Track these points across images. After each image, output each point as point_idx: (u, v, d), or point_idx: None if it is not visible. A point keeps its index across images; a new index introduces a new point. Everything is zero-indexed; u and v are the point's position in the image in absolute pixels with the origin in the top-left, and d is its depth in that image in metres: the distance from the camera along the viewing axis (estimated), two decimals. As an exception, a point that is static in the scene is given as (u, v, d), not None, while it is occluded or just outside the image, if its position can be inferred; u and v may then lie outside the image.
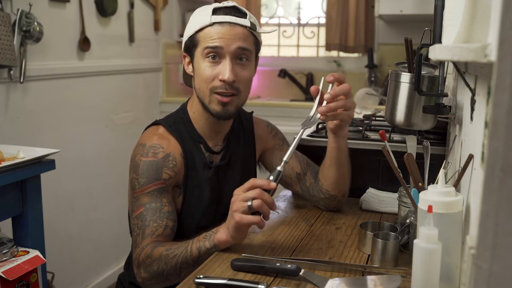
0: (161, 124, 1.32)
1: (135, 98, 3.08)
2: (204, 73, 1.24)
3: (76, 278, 2.61)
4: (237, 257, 1.08)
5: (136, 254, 1.19)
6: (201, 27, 1.24)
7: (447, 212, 0.86)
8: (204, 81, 1.25)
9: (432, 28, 1.13)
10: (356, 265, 1.08)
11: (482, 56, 0.59)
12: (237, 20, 1.24)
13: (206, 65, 1.24)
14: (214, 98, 1.25)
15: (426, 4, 2.68)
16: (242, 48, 1.24)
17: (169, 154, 1.26)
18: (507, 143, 0.55)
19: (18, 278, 1.40)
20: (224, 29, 1.23)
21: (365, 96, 2.45)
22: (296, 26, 3.65)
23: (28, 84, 2.26)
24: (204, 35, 1.24)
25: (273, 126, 1.52)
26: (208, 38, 1.23)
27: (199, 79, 1.26)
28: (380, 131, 1.19)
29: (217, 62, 1.24)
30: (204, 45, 1.24)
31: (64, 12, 2.46)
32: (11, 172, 1.43)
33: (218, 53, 1.23)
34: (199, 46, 1.25)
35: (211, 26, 1.24)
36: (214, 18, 1.23)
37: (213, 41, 1.23)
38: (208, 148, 1.34)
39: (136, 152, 1.27)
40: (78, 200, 2.61)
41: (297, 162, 1.44)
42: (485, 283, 0.58)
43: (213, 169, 1.33)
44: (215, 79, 1.24)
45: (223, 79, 1.23)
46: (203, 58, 1.25)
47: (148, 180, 1.22)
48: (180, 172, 1.28)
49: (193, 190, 1.30)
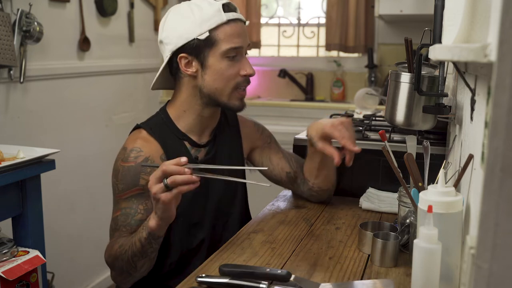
0: (141, 127, 1.33)
1: (135, 98, 3.08)
2: (227, 72, 1.26)
3: (76, 278, 2.61)
4: (225, 263, 1.07)
5: (104, 254, 1.25)
6: (217, 25, 1.23)
7: (447, 212, 0.86)
8: (227, 80, 1.27)
9: (432, 28, 1.13)
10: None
11: (482, 56, 0.59)
12: (240, 16, 1.28)
13: (227, 64, 1.26)
14: (236, 94, 1.29)
15: (426, 4, 2.68)
16: (249, 44, 1.32)
17: (147, 158, 1.27)
18: (507, 143, 0.55)
19: (18, 278, 1.40)
20: (238, 26, 1.26)
21: (365, 96, 2.45)
22: (296, 26, 3.65)
23: (28, 84, 2.26)
24: (222, 35, 1.24)
25: (259, 125, 1.53)
26: (229, 37, 1.24)
27: (219, 78, 1.27)
28: (380, 131, 1.19)
29: (235, 60, 1.27)
30: (227, 46, 1.24)
31: (64, 12, 2.46)
32: (11, 172, 1.43)
33: (238, 52, 1.27)
34: (217, 45, 1.24)
35: (227, 24, 1.24)
36: (227, 16, 1.24)
37: (235, 41, 1.25)
38: (194, 143, 1.34)
39: (118, 156, 1.30)
40: (78, 200, 2.61)
41: (286, 162, 1.47)
42: (485, 283, 0.58)
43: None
44: (237, 76, 1.28)
45: (248, 74, 1.28)
46: (222, 57, 1.25)
47: (125, 187, 1.25)
48: None
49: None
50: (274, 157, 1.47)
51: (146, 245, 1.14)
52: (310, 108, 3.13)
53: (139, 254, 1.15)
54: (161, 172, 1.06)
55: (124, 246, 1.17)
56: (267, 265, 1.10)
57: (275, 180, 1.48)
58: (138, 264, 1.17)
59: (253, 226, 1.33)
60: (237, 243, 1.22)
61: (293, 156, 1.50)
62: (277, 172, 1.46)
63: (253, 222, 1.37)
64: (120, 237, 1.22)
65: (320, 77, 3.46)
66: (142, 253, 1.15)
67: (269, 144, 1.49)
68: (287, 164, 1.46)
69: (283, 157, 1.47)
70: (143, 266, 1.18)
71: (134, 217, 1.23)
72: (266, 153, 1.48)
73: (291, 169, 1.46)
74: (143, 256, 1.16)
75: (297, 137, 1.67)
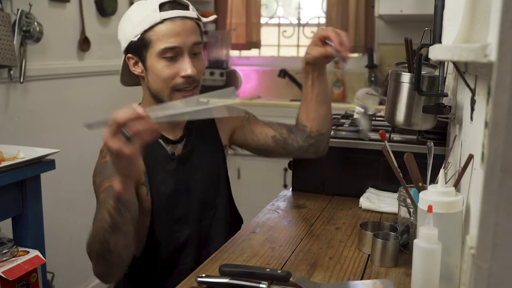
0: None
1: (135, 98, 3.08)
2: (163, 73, 1.23)
3: (76, 278, 2.61)
4: (225, 263, 1.07)
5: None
6: (151, 25, 1.21)
7: (447, 212, 0.86)
8: (164, 81, 1.23)
9: (432, 28, 1.13)
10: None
11: (482, 56, 0.59)
12: (186, 13, 1.23)
13: (164, 65, 1.22)
14: (176, 96, 1.25)
15: (426, 4, 2.68)
16: (196, 42, 1.24)
17: None
18: (507, 143, 0.55)
19: (18, 278, 1.40)
20: (176, 25, 1.21)
21: (365, 96, 2.45)
22: (296, 26, 3.65)
23: (28, 84, 2.26)
24: (156, 34, 1.21)
25: (231, 107, 1.49)
26: (163, 37, 1.20)
27: (157, 79, 1.24)
28: (380, 131, 1.19)
29: (174, 60, 1.23)
30: (161, 46, 1.21)
31: (64, 12, 2.46)
32: (11, 172, 1.43)
33: (176, 52, 1.22)
34: (152, 46, 1.22)
35: (162, 23, 1.21)
36: (163, 15, 1.20)
37: (170, 41, 1.20)
38: (168, 140, 1.32)
39: (97, 160, 1.29)
40: (78, 200, 2.61)
41: (267, 127, 1.43)
42: (485, 283, 0.58)
43: (176, 160, 1.32)
44: (176, 77, 1.23)
45: (187, 75, 1.22)
46: (159, 58, 1.22)
47: (102, 178, 1.21)
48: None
49: (159, 186, 1.29)
50: (255, 128, 1.44)
51: (115, 216, 1.03)
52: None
53: (109, 229, 1.05)
54: (115, 125, 0.93)
55: (95, 225, 1.10)
56: (267, 265, 1.10)
57: (265, 150, 1.44)
58: (111, 242, 1.05)
59: (253, 226, 1.33)
60: (237, 243, 1.22)
61: (275, 122, 1.46)
62: (263, 140, 1.42)
63: (253, 222, 1.37)
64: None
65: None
66: (112, 226, 1.04)
67: (247, 119, 1.46)
68: (270, 129, 1.43)
69: (264, 125, 1.44)
70: (117, 244, 1.06)
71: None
72: (247, 128, 1.44)
73: (275, 132, 1.42)
74: (114, 230, 1.05)
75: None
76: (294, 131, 1.42)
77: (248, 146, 1.46)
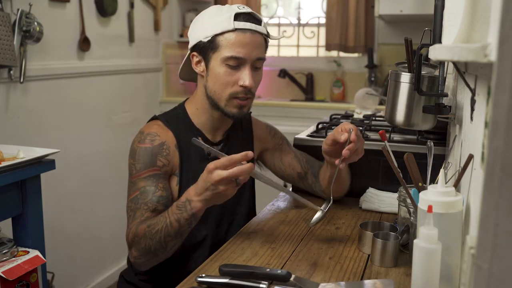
0: (159, 119, 1.38)
1: (135, 98, 3.08)
2: (224, 78, 1.28)
3: (76, 278, 2.61)
4: (225, 263, 1.07)
5: (126, 235, 1.25)
6: (223, 31, 1.26)
7: (447, 212, 0.86)
8: (223, 86, 1.29)
9: (432, 28, 1.13)
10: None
11: (482, 56, 0.59)
12: (257, 27, 1.28)
13: (226, 71, 1.28)
14: (233, 102, 1.31)
15: (426, 4, 2.68)
16: (259, 58, 1.30)
17: (163, 143, 1.31)
18: (507, 143, 0.55)
19: (18, 278, 1.40)
20: (246, 37, 1.26)
21: (365, 96, 2.45)
22: (296, 26, 3.65)
23: (28, 84, 2.26)
24: (226, 41, 1.26)
25: (271, 127, 1.58)
26: (231, 45, 1.25)
27: (217, 82, 1.30)
28: (380, 131, 1.19)
29: (235, 69, 1.28)
30: (228, 53, 1.26)
31: (64, 12, 2.46)
32: (11, 172, 1.43)
33: (239, 62, 1.27)
34: (220, 51, 1.27)
35: (233, 32, 1.26)
36: (236, 24, 1.25)
37: (236, 50, 1.25)
38: (208, 140, 1.38)
39: (135, 139, 1.34)
40: (78, 200, 2.61)
41: (297, 162, 1.51)
42: (485, 283, 0.58)
43: (210, 160, 1.33)
44: (235, 84, 1.29)
45: (245, 85, 1.28)
46: (222, 63, 1.27)
47: (144, 166, 1.28)
48: (173, 161, 1.33)
49: (189, 180, 1.31)
50: (285, 158, 1.51)
51: (185, 226, 1.16)
52: (310, 108, 3.13)
53: (174, 234, 1.17)
54: (236, 176, 1.09)
55: (155, 226, 1.18)
56: (267, 265, 1.10)
57: (287, 179, 1.55)
58: (169, 245, 1.18)
59: (253, 226, 1.33)
60: (237, 243, 1.22)
61: (305, 156, 1.53)
62: (289, 172, 1.51)
63: (253, 222, 1.37)
64: (147, 219, 1.22)
65: (320, 77, 3.46)
66: (177, 233, 1.17)
67: (280, 146, 1.54)
68: (299, 165, 1.50)
69: (294, 158, 1.51)
70: (173, 247, 1.20)
71: (155, 193, 1.25)
72: (277, 154, 1.53)
73: (302, 170, 1.50)
74: (177, 237, 1.18)
75: (297, 137, 1.67)
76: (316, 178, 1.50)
77: (273, 170, 1.55)
